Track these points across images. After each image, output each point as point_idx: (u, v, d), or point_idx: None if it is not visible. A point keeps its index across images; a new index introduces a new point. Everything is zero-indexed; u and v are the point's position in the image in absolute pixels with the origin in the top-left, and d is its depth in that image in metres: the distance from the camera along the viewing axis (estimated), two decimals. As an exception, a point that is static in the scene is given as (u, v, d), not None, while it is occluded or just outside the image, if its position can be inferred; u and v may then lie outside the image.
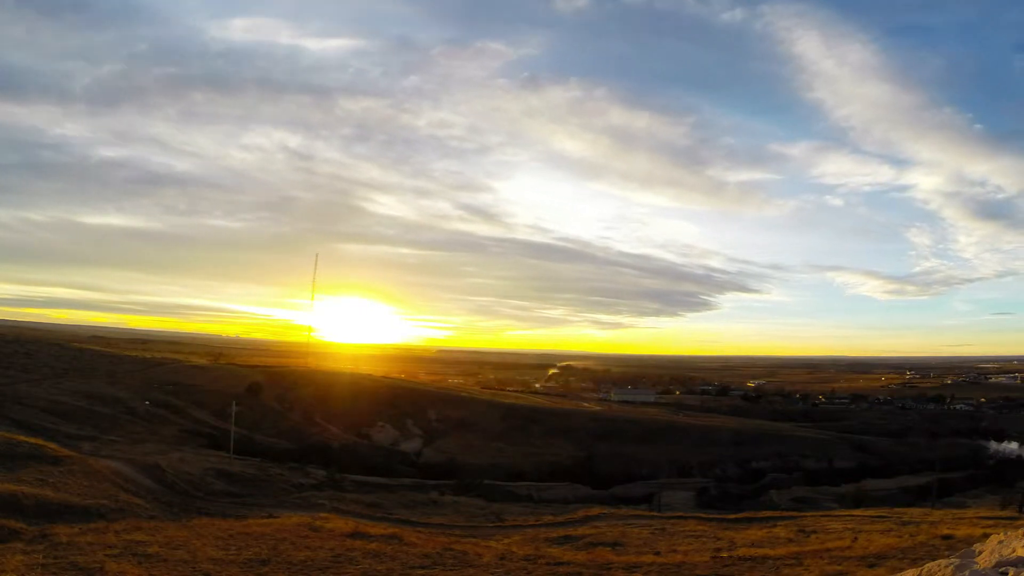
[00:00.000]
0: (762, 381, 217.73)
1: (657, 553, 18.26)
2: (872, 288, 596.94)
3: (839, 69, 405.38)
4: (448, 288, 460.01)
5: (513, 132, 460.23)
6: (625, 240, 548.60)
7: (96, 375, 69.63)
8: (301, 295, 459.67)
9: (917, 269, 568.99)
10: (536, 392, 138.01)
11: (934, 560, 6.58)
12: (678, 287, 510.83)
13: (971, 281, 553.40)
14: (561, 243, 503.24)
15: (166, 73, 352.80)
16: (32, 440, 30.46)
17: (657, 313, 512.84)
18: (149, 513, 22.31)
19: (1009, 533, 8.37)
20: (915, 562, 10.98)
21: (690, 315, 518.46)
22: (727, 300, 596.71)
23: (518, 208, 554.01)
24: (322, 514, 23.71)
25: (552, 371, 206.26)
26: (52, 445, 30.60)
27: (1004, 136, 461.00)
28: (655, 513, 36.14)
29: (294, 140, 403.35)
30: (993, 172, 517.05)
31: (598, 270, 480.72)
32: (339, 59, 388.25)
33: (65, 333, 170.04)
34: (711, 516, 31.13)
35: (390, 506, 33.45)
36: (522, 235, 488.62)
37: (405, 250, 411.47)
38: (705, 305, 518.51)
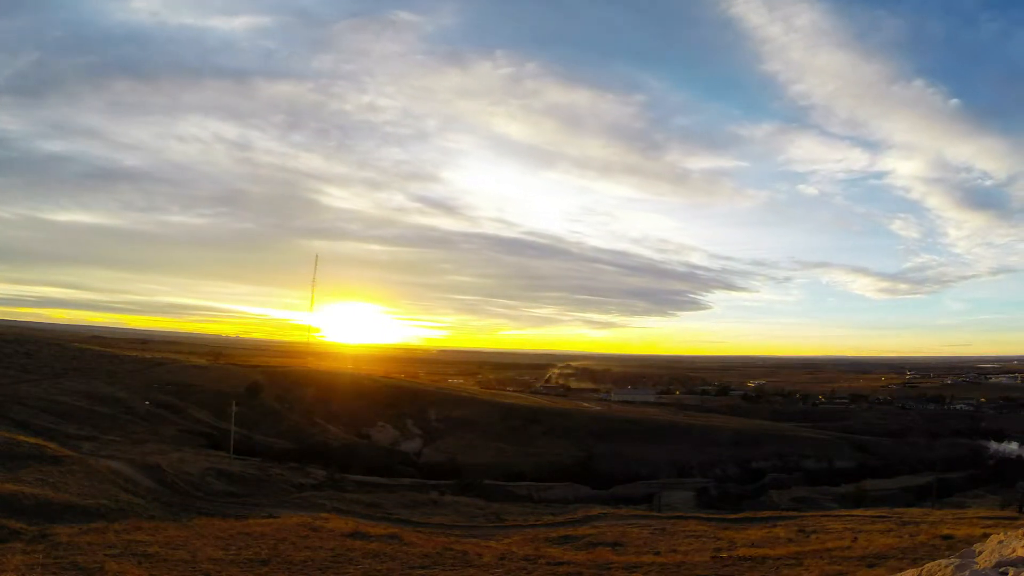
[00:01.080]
0: (762, 381, 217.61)
1: (657, 553, 18.26)
2: (863, 286, 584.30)
3: (787, 36, 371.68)
4: (431, 287, 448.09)
5: (449, 115, 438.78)
6: (598, 235, 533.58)
7: (96, 375, 69.59)
8: (278, 292, 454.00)
9: (908, 265, 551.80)
10: (536, 392, 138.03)
11: (934, 560, 6.58)
12: (663, 285, 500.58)
13: (965, 279, 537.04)
14: (531, 238, 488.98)
15: (84, 62, 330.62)
16: (32, 440, 30.48)
17: (647, 312, 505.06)
18: (149, 513, 22.30)
19: (1009, 533, 8.37)
20: (915, 562, 10.98)
21: (682, 315, 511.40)
22: (716, 299, 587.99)
23: (475, 199, 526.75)
24: (322, 514, 23.71)
25: (552, 371, 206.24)
26: (52, 445, 30.61)
27: (985, 112, 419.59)
28: (655, 513, 36.14)
29: (228, 130, 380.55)
30: (977, 155, 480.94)
31: (577, 267, 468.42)
32: (247, 39, 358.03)
33: (65, 333, 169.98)
34: (711, 516, 31.15)
35: (390, 506, 33.44)
36: (489, 229, 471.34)
37: (375, 247, 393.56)
38: (694, 304, 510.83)
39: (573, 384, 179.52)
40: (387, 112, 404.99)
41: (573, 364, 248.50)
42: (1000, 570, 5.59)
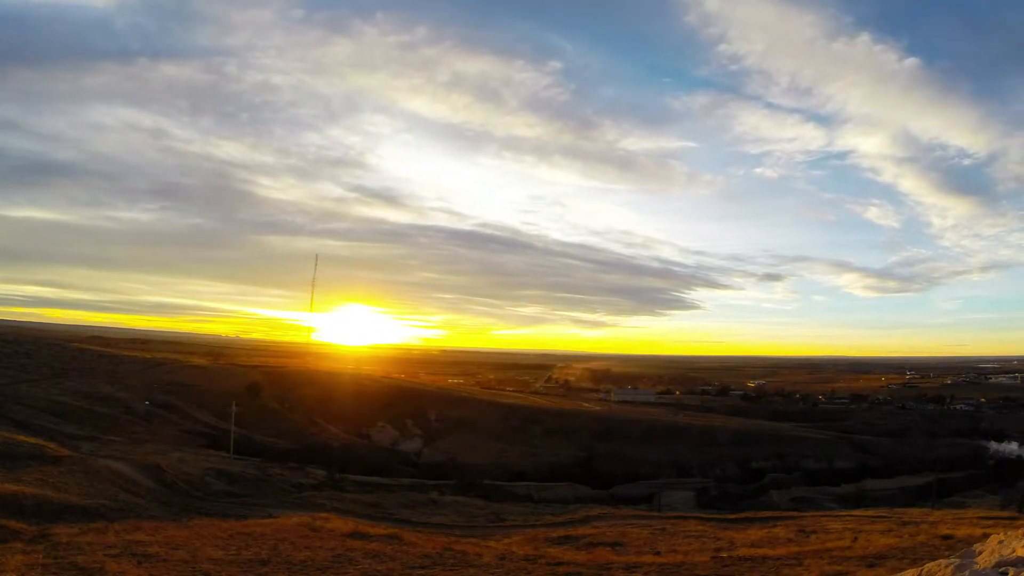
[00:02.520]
0: (762, 381, 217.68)
1: (657, 553, 18.26)
2: (849, 283, 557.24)
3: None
4: (404, 285, 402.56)
5: (350, 93, 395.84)
6: (556, 227, 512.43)
7: (96, 375, 69.61)
8: (252, 290, 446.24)
9: (893, 259, 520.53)
10: (536, 392, 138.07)
11: (934, 560, 6.58)
12: (642, 282, 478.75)
13: (956, 275, 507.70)
14: (487, 230, 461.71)
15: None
16: (32, 440, 30.50)
17: (634, 312, 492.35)
18: (149, 513, 22.29)
19: (1009, 533, 8.38)
20: (915, 562, 10.98)
21: (673, 314, 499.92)
22: (700, 298, 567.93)
23: (412, 188, 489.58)
24: (322, 514, 23.69)
25: (552, 371, 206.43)
26: (52, 445, 30.63)
27: (949, 74, 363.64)
28: (655, 513, 36.14)
29: (138, 117, 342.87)
30: (948, 128, 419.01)
31: (546, 262, 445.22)
32: (121, 17, 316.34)
33: (64, 333, 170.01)
34: (711, 516, 31.14)
35: (390, 506, 33.43)
36: (439, 221, 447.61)
37: (329, 242, 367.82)
38: (680, 303, 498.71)
39: (573, 384, 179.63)
40: (285, 91, 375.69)
41: (576, 365, 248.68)
42: (1000, 570, 5.59)
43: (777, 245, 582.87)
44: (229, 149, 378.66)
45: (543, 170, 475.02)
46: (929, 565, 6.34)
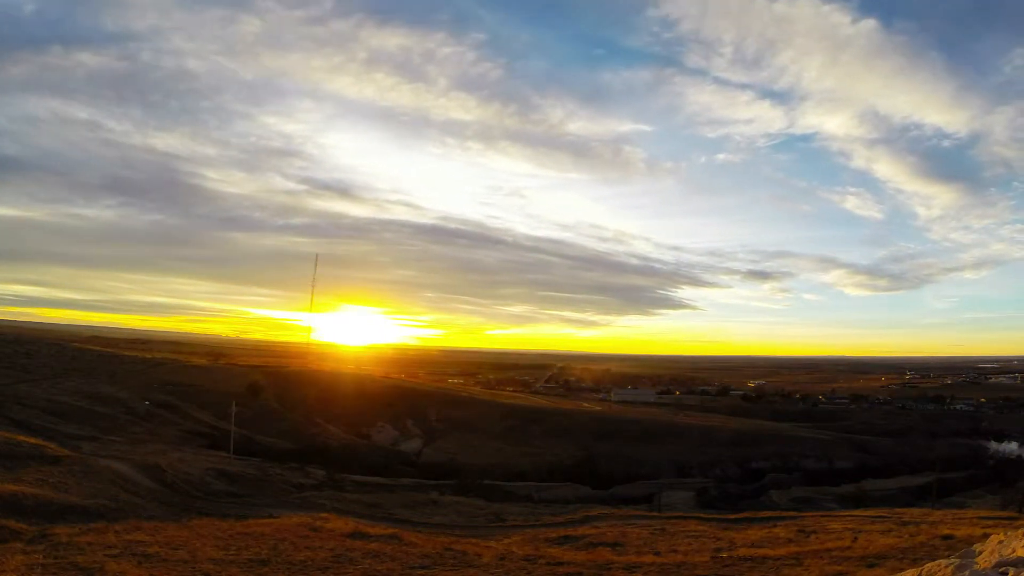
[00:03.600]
0: (762, 381, 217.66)
1: (657, 553, 18.25)
2: (837, 280, 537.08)
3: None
4: (386, 283, 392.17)
5: (270, 75, 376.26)
6: (521, 220, 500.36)
7: (96, 375, 69.60)
8: (236, 289, 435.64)
9: (881, 255, 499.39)
10: (536, 392, 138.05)
11: (934, 560, 6.58)
12: (625, 280, 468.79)
13: (948, 272, 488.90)
14: (451, 224, 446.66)
15: None
16: (32, 440, 30.49)
17: (623, 311, 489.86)
18: (149, 513, 22.28)
19: (1009, 533, 8.38)
20: (915, 562, 10.98)
21: (665, 313, 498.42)
22: (688, 296, 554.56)
23: (362, 179, 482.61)
24: (322, 514, 23.68)
25: (552, 371, 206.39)
26: (52, 445, 30.63)
27: (914, 39, 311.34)
28: (655, 513, 36.13)
29: (70, 110, 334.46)
30: (920, 105, 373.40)
31: (520, 258, 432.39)
32: (6, 4, 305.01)
33: (65, 333, 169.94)
34: (711, 516, 31.13)
35: (390, 506, 33.42)
36: (399, 214, 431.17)
37: (295, 238, 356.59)
38: (667, 301, 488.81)
39: (573, 384, 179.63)
40: (204, 77, 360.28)
41: (574, 365, 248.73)
42: (1000, 570, 5.59)
43: (755, 240, 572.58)
44: (169, 141, 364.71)
45: (493, 158, 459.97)
46: (929, 565, 6.34)
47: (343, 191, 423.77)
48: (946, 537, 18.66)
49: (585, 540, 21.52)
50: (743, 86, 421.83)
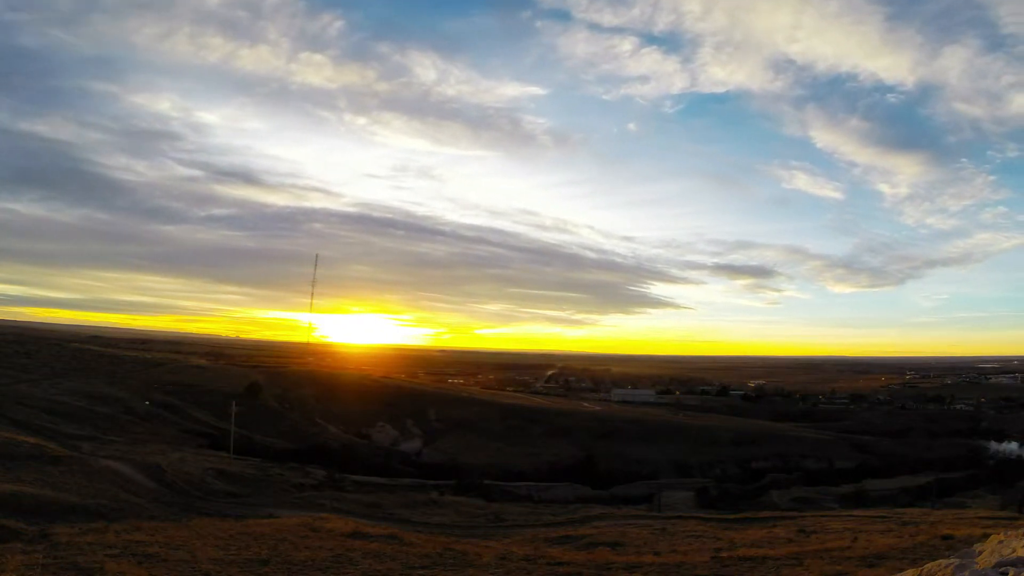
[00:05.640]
0: (762, 381, 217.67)
1: (657, 553, 18.25)
2: (814, 273, 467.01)
3: None
4: (348, 280, 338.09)
5: (106, 46, 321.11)
6: (444, 207, 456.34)
7: (96, 375, 69.60)
8: (197, 287, 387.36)
9: (855, 243, 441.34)
10: (536, 392, 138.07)
11: (934, 560, 6.58)
12: (590, 276, 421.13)
13: (933, 266, 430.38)
14: (374, 212, 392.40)
15: None
16: (32, 440, 30.51)
17: (603, 309, 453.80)
18: (149, 513, 22.29)
19: (1009, 533, 8.38)
20: (915, 562, 10.97)
21: (652, 312, 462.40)
22: (665, 293, 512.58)
23: (260, 162, 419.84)
24: (322, 514, 23.70)
25: (552, 371, 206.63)
26: (52, 445, 30.65)
27: None
28: (655, 513, 36.17)
29: None
30: (844, 48, 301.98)
31: (470, 252, 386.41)
32: None
33: (65, 333, 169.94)
34: (711, 516, 31.17)
35: (390, 506, 33.43)
36: (319, 202, 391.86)
37: (227, 232, 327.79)
38: (644, 299, 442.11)
39: (573, 383, 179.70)
40: (45, 54, 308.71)
41: (574, 365, 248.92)
42: (1000, 570, 5.59)
43: (708, 228, 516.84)
44: (52, 126, 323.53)
45: (381, 132, 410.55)
46: (929, 565, 6.33)
47: (247, 177, 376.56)
48: (946, 537, 18.66)
49: (585, 540, 21.53)
50: (618, 30, 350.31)
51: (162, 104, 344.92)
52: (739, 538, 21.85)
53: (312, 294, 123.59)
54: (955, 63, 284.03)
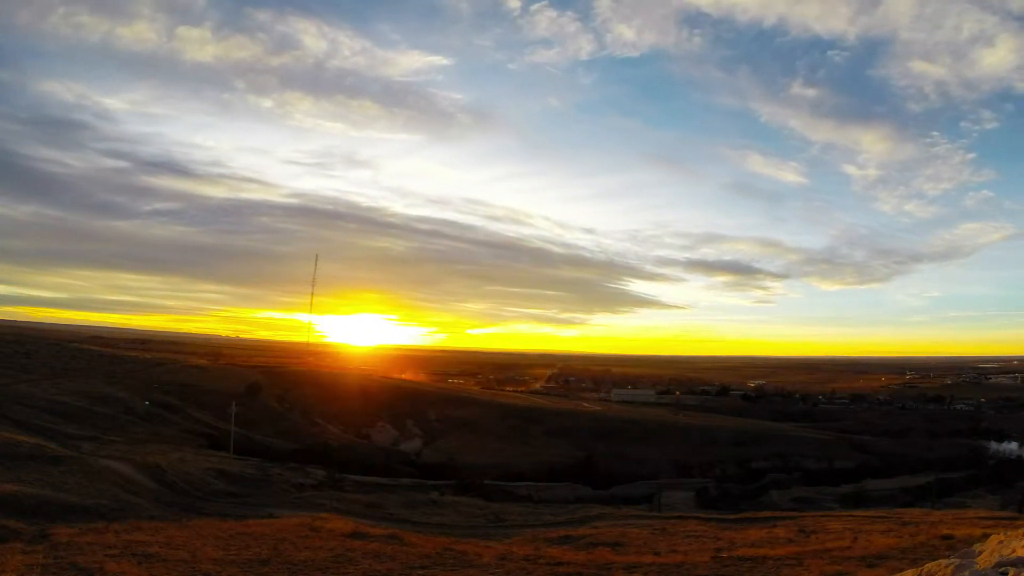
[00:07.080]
0: (762, 381, 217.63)
1: (657, 553, 18.25)
2: (793, 267, 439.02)
3: None
4: (321, 278, 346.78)
5: None
6: (384, 196, 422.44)
7: (96, 375, 69.56)
8: (174, 285, 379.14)
9: (831, 235, 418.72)
10: (536, 392, 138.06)
11: (934, 560, 6.57)
12: (562, 272, 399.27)
13: (919, 262, 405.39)
14: (320, 204, 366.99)
15: None
16: (32, 440, 30.53)
17: (588, 308, 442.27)
18: (149, 513, 22.29)
19: (1009, 533, 8.37)
20: (915, 562, 10.97)
21: (639, 312, 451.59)
22: (647, 292, 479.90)
23: (182, 151, 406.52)
24: (322, 514, 23.69)
25: (551, 371, 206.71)
26: (52, 445, 30.66)
27: None
28: (655, 513, 36.17)
29: None
30: None
31: (431, 246, 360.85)
32: None
33: (65, 333, 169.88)
34: (711, 516, 31.17)
35: (390, 506, 33.42)
36: (258, 194, 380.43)
37: (179, 228, 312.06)
38: (625, 297, 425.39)
39: (573, 383, 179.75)
40: None
41: (574, 365, 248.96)
42: (1000, 570, 5.58)
43: (670, 219, 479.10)
44: None
45: (293, 114, 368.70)
46: (929, 565, 6.33)
47: (172, 168, 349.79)
48: (946, 537, 18.66)
49: (585, 540, 21.53)
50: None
51: (66, 92, 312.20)
52: (739, 538, 21.85)
53: (312, 294, 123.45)
54: (902, 8, 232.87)
